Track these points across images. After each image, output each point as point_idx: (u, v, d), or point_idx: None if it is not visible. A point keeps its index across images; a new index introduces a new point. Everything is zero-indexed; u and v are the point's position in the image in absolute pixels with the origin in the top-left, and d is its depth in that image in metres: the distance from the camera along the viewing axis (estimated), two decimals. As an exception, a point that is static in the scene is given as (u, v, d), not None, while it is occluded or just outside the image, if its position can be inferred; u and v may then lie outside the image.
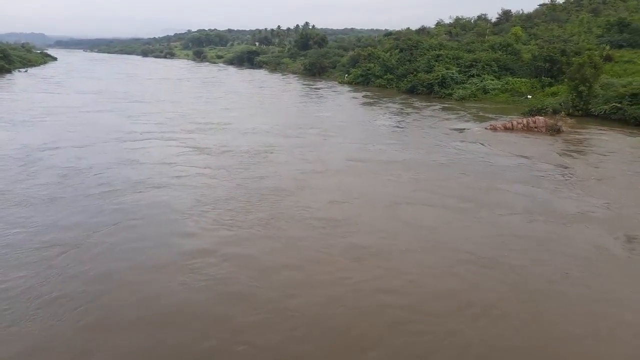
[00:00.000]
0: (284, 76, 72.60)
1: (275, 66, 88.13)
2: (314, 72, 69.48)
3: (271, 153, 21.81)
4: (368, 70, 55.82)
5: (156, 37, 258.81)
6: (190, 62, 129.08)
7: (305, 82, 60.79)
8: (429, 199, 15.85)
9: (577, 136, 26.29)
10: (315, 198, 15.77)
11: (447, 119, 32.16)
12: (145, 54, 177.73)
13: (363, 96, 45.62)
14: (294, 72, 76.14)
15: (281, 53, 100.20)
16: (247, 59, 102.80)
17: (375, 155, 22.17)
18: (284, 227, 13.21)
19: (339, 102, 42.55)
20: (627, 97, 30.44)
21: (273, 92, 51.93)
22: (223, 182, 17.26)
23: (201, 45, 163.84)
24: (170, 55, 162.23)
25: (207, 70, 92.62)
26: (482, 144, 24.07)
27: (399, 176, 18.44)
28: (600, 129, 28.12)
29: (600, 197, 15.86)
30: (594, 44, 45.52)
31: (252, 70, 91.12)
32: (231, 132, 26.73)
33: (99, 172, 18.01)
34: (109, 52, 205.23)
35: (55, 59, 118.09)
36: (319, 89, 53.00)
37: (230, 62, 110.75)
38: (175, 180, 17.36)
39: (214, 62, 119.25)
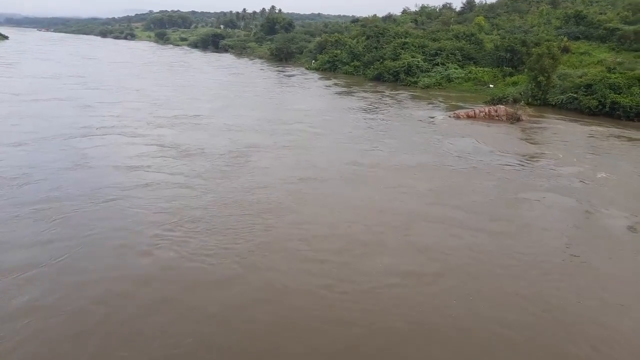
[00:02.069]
0: (252, 61, 71.63)
1: (241, 50, 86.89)
2: (281, 57, 68.97)
3: (254, 155, 19.04)
4: (335, 57, 55.94)
5: (116, 17, 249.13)
6: (153, 44, 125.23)
7: (276, 69, 59.54)
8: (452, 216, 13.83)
9: (535, 125, 27.42)
10: (315, 220, 13.19)
11: (418, 108, 32.66)
12: (104, 34, 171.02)
13: (334, 84, 45.31)
14: (260, 57, 75.34)
15: (247, 37, 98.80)
16: (212, 42, 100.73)
17: (371, 156, 19.68)
18: (279, 273, 10.37)
19: (315, 92, 40.71)
20: (582, 87, 31.88)
21: (246, 79, 48.79)
22: (196, 197, 14.26)
23: (163, 27, 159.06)
24: (131, 36, 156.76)
25: (171, 53, 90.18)
26: (474, 140, 23.17)
27: (406, 184, 16.33)
28: (557, 118, 29.44)
29: (559, 179, 16.94)
30: (553, 35, 47.14)
31: (217, 54, 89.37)
32: (205, 128, 23.80)
33: (37, 180, 14.90)
34: (65, 32, 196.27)
35: (5, 37, 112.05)
36: (291, 76, 51.93)
37: (195, 45, 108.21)
38: (135, 192, 14.46)
39: (178, 45, 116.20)
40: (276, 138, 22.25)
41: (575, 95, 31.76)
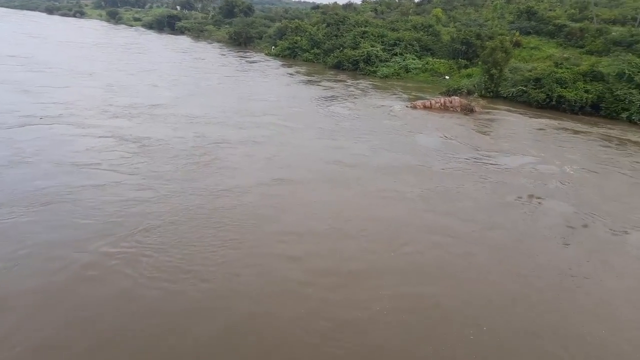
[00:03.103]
0: (210, 44, 69.94)
1: (198, 33, 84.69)
2: (240, 41, 67.86)
3: (222, 151, 17.62)
4: (295, 43, 55.64)
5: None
6: (105, 23, 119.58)
7: (237, 54, 58.08)
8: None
9: (487, 116, 28.58)
10: (298, 232, 11.80)
11: (383, 98, 33.01)
12: (50, 11, 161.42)
13: (297, 72, 44.86)
14: (218, 41, 73.77)
15: (205, 20, 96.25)
16: (167, 24, 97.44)
17: (350, 155, 18.75)
18: (257, 300, 9.02)
19: (280, 80, 39.45)
20: (531, 81, 33.37)
21: (206, 64, 46.68)
22: (156, 202, 12.61)
23: (115, 6, 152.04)
24: (80, 14, 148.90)
25: (125, 34, 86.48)
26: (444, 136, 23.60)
27: (392, 188, 15.45)
28: (508, 110, 30.77)
29: (542, 178, 17.89)
30: (506, 30, 48.88)
31: (173, 36, 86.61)
32: (166, 119, 22.04)
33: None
34: (6, 7, 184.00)
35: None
36: (253, 62, 50.80)
37: (149, 26, 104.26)
38: (82, 194, 12.67)
39: (131, 25, 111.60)
40: (245, 132, 20.88)
41: (525, 88, 33.22)
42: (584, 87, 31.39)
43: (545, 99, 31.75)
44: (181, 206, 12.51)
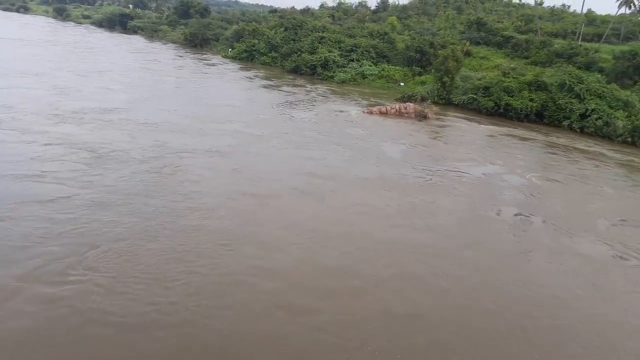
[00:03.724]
0: (165, 45, 68.44)
1: (152, 33, 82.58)
2: (196, 43, 66.82)
3: (184, 162, 15.96)
4: (253, 46, 55.46)
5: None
6: (51, 20, 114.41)
7: (194, 56, 56.71)
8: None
9: (441, 123, 29.65)
10: (275, 257, 10.59)
11: (345, 104, 33.49)
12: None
13: (255, 76, 44.54)
14: (173, 42, 72.27)
15: (159, 19, 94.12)
16: (119, 22, 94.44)
17: (321, 166, 18.11)
18: (235, 341, 7.85)
19: (240, 85, 38.93)
20: (481, 89, 34.88)
21: (163, 66, 44.77)
22: (110, 222, 11.02)
23: (63, 2, 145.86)
24: (24, 9, 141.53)
25: (74, 32, 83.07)
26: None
27: (368, 203, 14.78)
28: (460, 117, 32.02)
29: (513, 190, 18.64)
30: (457, 39, 50.79)
31: (126, 35, 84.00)
32: (121, 125, 20.23)
33: None
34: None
35: None
36: (212, 65, 49.80)
37: (100, 24, 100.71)
38: (21, 211, 11.00)
39: (80, 23, 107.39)
40: (209, 140, 19.44)
41: (475, 96, 34.67)
42: (529, 96, 33.14)
43: (494, 107, 33.27)
44: (139, 226, 10.93)
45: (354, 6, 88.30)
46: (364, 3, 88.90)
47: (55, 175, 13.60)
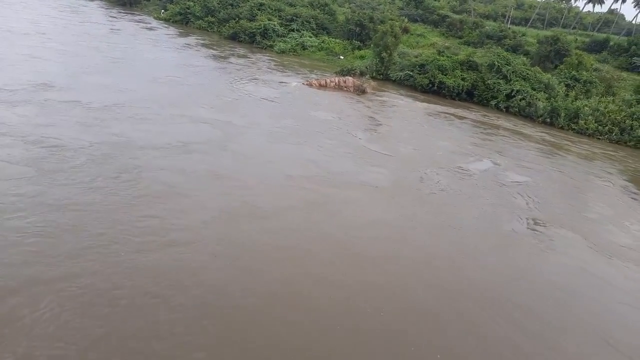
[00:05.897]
0: (93, 2, 63.03)
1: (75, -12, 76.08)
2: (126, 2, 62.49)
3: (147, 164, 12.26)
4: (187, 9, 52.82)
5: None
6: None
7: (128, 17, 52.14)
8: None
9: (378, 98, 30.25)
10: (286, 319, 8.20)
11: (285, 73, 32.76)
12: None
13: (196, 43, 41.56)
14: (100, -1, 67.02)
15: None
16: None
17: (316, 167, 15.61)
18: None
19: (184, 54, 34.89)
20: (417, 66, 35.81)
21: (96, 29, 39.54)
22: (57, 259, 7.73)
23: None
24: None
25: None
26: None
27: (384, 219, 12.84)
28: (397, 93, 32.82)
29: (394, 142, 19.26)
30: (396, 15, 51.47)
31: (44, -12, 76.41)
32: (59, 107, 15.76)
33: None
34: None
35: None
36: (150, 29, 45.64)
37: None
38: None
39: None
40: (175, 131, 15.75)
41: (411, 73, 35.58)
42: (461, 75, 34.55)
43: (429, 84, 34.37)
44: (97, 266, 7.57)
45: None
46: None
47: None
